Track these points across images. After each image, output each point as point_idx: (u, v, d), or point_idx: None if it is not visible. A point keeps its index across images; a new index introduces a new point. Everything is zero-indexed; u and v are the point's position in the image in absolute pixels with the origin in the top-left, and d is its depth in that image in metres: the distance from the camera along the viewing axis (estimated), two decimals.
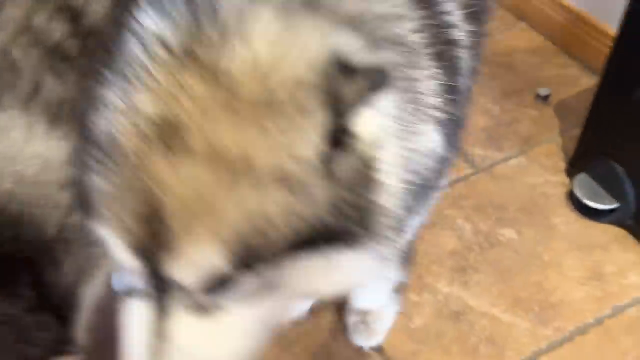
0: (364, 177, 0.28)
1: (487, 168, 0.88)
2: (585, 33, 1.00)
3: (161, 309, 0.30)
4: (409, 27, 0.35)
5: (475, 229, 0.79)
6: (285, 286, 0.31)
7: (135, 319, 0.32)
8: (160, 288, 0.29)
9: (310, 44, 0.27)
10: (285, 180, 0.25)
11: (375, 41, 0.30)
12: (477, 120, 0.95)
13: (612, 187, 0.77)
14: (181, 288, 0.29)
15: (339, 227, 0.28)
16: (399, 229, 0.34)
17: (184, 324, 0.30)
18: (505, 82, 1.01)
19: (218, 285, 0.28)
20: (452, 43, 0.42)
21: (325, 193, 0.26)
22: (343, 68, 0.25)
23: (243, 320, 0.32)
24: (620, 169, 0.75)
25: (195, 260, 0.27)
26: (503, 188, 0.85)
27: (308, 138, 0.26)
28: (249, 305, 0.31)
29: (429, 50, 0.36)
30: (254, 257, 0.27)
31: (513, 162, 0.89)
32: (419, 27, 0.36)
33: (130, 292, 0.32)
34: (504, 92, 0.99)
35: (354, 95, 0.26)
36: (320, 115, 0.26)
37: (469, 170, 0.88)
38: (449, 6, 0.41)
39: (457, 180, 0.86)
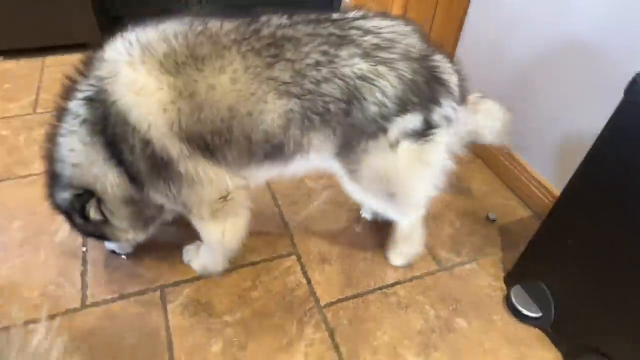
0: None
1: (449, 267, 1.15)
2: (526, 179, 1.39)
3: None
4: None
5: (437, 314, 1.02)
6: None
7: None
8: None
9: None
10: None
11: None
12: (444, 228, 1.25)
13: (538, 300, 0.99)
14: None
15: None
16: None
17: None
18: (465, 203, 1.35)
19: None
20: None
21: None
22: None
23: None
24: (546, 289, 0.96)
25: None
26: (459, 285, 1.11)
27: None
28: None
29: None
30: None
31: (468, 266, 1.16)
32: None
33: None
34: (464, 211, 1.32)
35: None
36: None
37: (435, 267, 1.14)
38: None
39: (427, 274, 1.11)
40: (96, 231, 0.91)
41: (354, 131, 0.82)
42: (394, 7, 1.53)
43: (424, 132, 0.84)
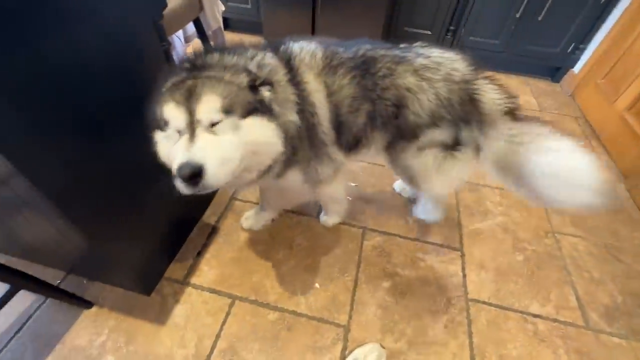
0: (268, 106, 0.83)
1: (596, 331, 1.23)
2: None
3: (192, 134, 0.71)
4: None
5: None
6: (244, 130, 0.77)
7: (180, 142, 0.73)
8: (192, 127, 0.72)
9: (238, 61, 0.86)
10: (237, 85, 0.78)
11: (259, 67, 0.88)
12: (602, 297, 1.31)
13: None
14: (200, 123, 0.72)
15: (259, 106, 0.80)
16: (284, 127, 0.86)
17: (203, 136, 0.72)
18: (632, 281, 1.35)
19: (215, 123, 0.74)
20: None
21: (251, 95, 0.80)
22: (252, 72, 0.84)
23: (229, 140, 0.74)
24: None
25: (209, 104, 0.73)
26: (602, 351, 1.18)
27: (241, 79, 0.80)
28: (232, 134, 0.75)
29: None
30: (229, 110, 0.75)
31: (616, 339, 1.21)
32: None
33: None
34: (631, 290, 1.33)
35: (259, 81, 0.82)
36: (244, 76, 0.81)
37: (582, 324, 1.24)
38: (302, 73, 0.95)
39: (572, 325, 1.24)
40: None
41: (398, 132, 1.03)
42: None
43: (452, 146, 1.01)
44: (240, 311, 1.19)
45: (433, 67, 0.97)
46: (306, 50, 0.97)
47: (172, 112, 0.73)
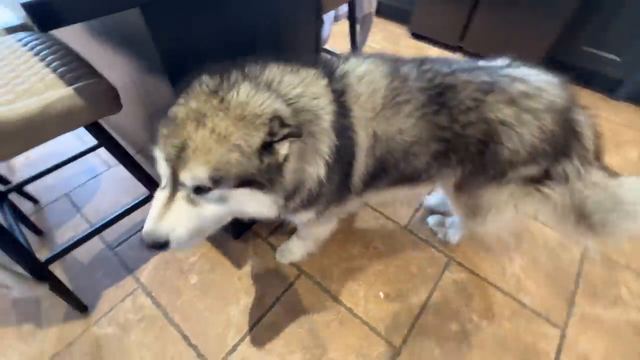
0: (276, 166, 0.65)
1: None
2: None
3: (172, 195, 0.64)
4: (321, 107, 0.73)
5: None
6: (231, 201, 0.66)
7: (159, 196, 0.65)
8: (175, 185, 0.64)
9: (268, 107, 0.64)
10: (241, 150, 0.61)
11: (298, 113, 0.69)
12: None
13: None
14: (184, 186, 0.63)
15: (259, 179, 0.64)
16: (288, 194, 0.71)
17: (180, 205, 0.64)
18: None
19: (201, 190, 0.63)
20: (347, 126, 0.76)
21: (256, 163, 0.62)
22: (279, 120, 0.62)
23: (210, 212, 0.66)
24: None
25: (194, 173, 0.60)
26: None
27: (254, 139, 0.61)
28: (214, 206, 0.66)
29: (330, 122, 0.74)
30: (219, 181, 0.61)
31: None
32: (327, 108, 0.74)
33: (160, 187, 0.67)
34: None
35: (281, 135, 0.62)
36: (262, 133, 0.62)
37: None
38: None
39: None
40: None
41: (478, 169, 0.87)
42: None
43: (539, 180, 0.86)
44: (302, 286, 1.25)
45: (534, 94, 0.81)
46: (367, 81, 0.79)
47: (159, 160, 0.65)
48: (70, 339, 1.11)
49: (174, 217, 0.64)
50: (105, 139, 0.94)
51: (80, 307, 1.16)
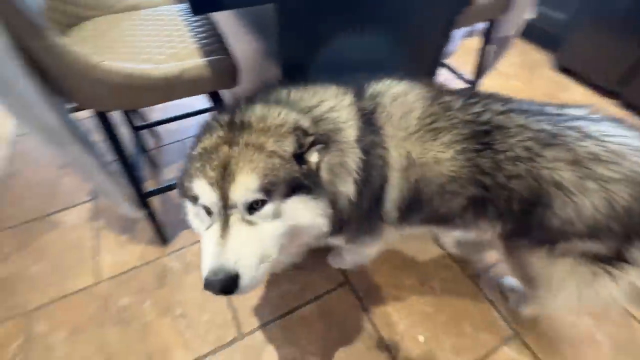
0: (315, 173, 0.66)
1: None
2: None
3: (224, 227, 0.59)
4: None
5: None
6: (285, 215, 0.63)
7: (209, 235, 0.60)
8: (224, 213, 0.60)
9: (287, 117, 0.67)
10: (279, 155, 0.62)
11: (317, 122, 0.70)
12: None
13: None
14: (236, 208, 0.60)
15: (305, 182, 0.64)
16: (332, 198, 0.69)
17: (237, 229, 0.59)
18: None
19: (253, 209, 0.61)
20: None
21: (297, 167, 0.64)
22: (301, 129, 0.65)
23: (269, 230, 0.62)
24: None
25: (245, 184, 0.59)
26: None
27: (285, 145, 0.64)
28: (270, 223, 0.62)
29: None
30: (270, 191, 0.60)
31: None
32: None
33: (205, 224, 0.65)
34: None
35: (307, 144, 0.65)
36: (290, 142, 0.64)
37: None
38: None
39: None
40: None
41: (522, 231, 0.76)
42: None
43: (607, 260, 0.71)
44: (343, 295, 1.23)
45: (610, 159, 0.66)
46: (401, 101, 0.75)
47: (202, 190, 0.61)
48: (147, 260, 1.34)
49: (235, 244, 0.58)
50: (219, 105, 1.07)
51: (162, 238, 1.37)
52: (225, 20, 1.09)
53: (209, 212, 0.62)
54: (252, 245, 0.59)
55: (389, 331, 1.16)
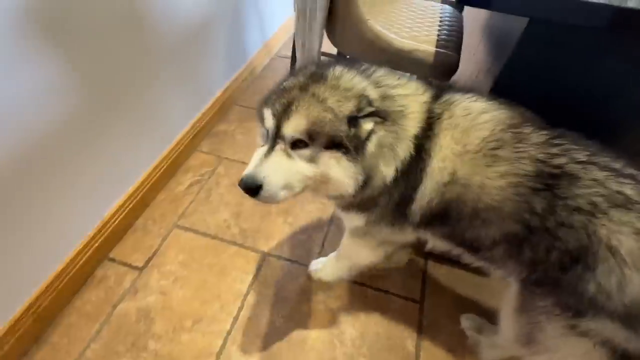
0: (361, 140, 0.72)
1: None
2: None
3: (271, 149, 0.72)
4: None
5: None
6: (319, 162, 0.72)
7: (259, 151, 0.74)
8: (275, 139, 0.72)
9: (358, 84, 0.74)
10: (334, 112, 0.69)
11: (384, 98, 0.76)
12: None
13: None
14: (283, 140, 0.71)
15: (346, 143, 0.70)
16: (369, 172, 0.74)
17: (278, 155, 0.72)
18: None
19: (296, 146, 0.71)
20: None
21: (345, 128, 0.69)
22: (367, 98, 0.72)
23: (300, 168, 0.72)
24: None
25: (295, 124, 0.69)
26: None
27: (344, 106, 0.70)
28: (304, 163, 0.72)
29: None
30: (314, 137, 0.69)
31: None
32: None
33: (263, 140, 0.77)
34: None
35: (367, 111, 0.71)
36: (351, 105, 0.71)
37: None
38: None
39: None
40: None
41: (552, 285, 0.69)
42: None
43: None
44: (412, 309, 1.25)
45: None
46: (472, 117, 0.73)
47: (266, 117, 0.74)
48: None
49: (271, 165, 0.71)
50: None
51: None
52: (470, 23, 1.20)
53: (266, 135, 0.76)
54: (282, 172, 0.71)
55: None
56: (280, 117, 0.71)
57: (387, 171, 0.74)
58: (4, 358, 1.02)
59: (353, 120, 0.70)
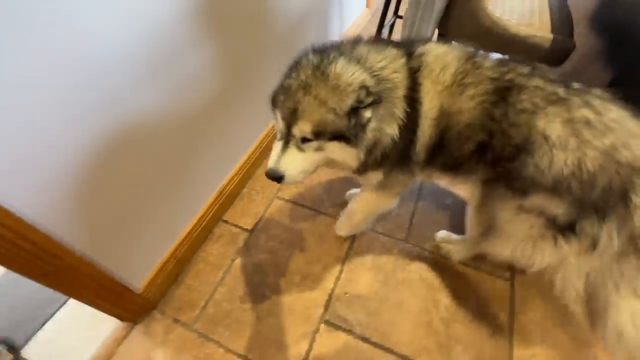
0: (361, 126, 0.84)
1: None
2: None
3: (285, 145, 0.87)
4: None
5: None
6: (326, 150, 0.87)
7: (277, 145, 0.88)
8: (288, 137, 0.86)
9: (357, 77, 0.82)
10: (335, 112, 0.80)
11: (380, 81, 0.86)
12: None
13: None
14: (294, 137, 0.85)
15: (347, 135, 0.83)
16: (368, 149, 0.88)
17: (292, 151, 0.86)
18: None
19: (305, 141, 0.85)
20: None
21: (345, 122, 0.81)
22: (365, 90, 0.80)
23: (311, 157, 0.87)
24: None
25: (302, 128, 0.82)
26: None
27: (345, 103, 0.80)
28: (314, 153, 0.87)
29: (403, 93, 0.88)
30: (319, 134, 0.83)
31: None
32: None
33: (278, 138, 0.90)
34: None
35: (366, 102, 0.80)
36: (351, 100, 0.80)
37: None
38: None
39: None
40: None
41: (505, 177, 0.86)
42: None
43: (560, 227, 0.81)
44: (504, 285, 1.30)
45: (600, 129, 0.75)
46: (442, 60, 0.89)
47: (277, 118, 0.88)
48: None
49: (288, 159, 0.87)
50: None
51: None
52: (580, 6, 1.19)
53: (281, 130, 0.89)
54: (298, 164, 0.87)
55: (523, 346, 1.17)
56: (289, 121, 0.84)
57: (392, 130, 0.89)
58: (154, 293, 1.25)
59: (354, 111, 0.82)
